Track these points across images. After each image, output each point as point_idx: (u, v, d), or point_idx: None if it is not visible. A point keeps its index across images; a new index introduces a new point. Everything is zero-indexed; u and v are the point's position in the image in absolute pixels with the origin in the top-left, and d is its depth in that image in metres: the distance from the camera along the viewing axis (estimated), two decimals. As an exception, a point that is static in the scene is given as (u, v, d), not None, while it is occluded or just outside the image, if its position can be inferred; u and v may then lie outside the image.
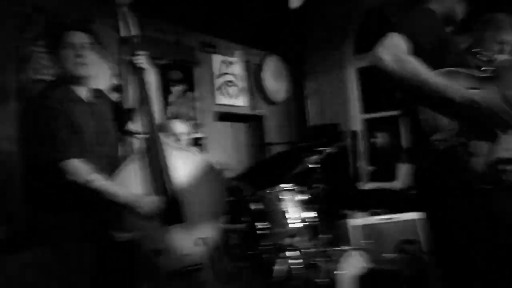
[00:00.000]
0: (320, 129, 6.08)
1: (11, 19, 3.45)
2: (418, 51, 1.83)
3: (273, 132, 6.11)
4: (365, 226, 3.97)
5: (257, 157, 5.87)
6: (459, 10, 2.14)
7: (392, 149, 5.46)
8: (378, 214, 4.11)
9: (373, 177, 5.86)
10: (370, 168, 5.97)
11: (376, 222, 3.98)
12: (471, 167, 1.75)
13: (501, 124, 1.78)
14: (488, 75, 1.92)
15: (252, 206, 3.53)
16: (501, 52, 3.09)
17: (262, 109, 5.99)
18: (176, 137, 3.66)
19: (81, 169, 2.36)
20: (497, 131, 1.79)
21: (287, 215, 3.41)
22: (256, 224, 3.44)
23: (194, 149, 3.75)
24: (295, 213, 3.44)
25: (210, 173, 2.76)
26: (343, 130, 5.94)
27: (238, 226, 3.61)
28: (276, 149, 5.62)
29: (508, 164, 1.74)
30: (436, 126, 1.78)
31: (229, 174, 4.44)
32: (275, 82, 6.14)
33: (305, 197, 3.55)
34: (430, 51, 1.87)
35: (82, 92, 2.55)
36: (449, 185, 1.82)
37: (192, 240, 2.57)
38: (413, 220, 3.93)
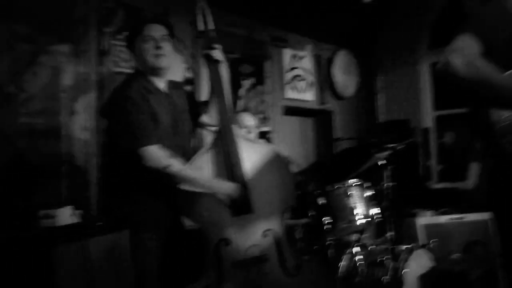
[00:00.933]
0: (389, 125, 5.99)
1: (94, 12, 3.63)
2: (490, 52, 1.77)
3: (341, 127, 6.07)
4: (433, 225, 3.89)
5: (325, 152, 5.86)
6: None
7: (463, 148, 5.29)
8: (447, 213, 4.01)
9: (443, 176, 5.70)
10: (440, 166, 5.80)
11: (444, 221, 3.89)
12: None
13: None
14: None
15: (320, 201, 3.53)
16: None
17: (331, 104, 5.97)
18: (246, 130, 3.73)
19: (160, 154, 2.42)
20: None
21: (354, 211, 3.40)
22: (322, 218, 3.44)
23: (263, 141, 3.80)
24: (362, 209, 3.42)
25: (280, 165, 2.79)
26: (413, 126, 5.81)
27: (304, 220, 3.62)
28: (344, 145, 5.59)
29: None
30: (508, 128, 1.73)
31: (295, 169, 4.47)
32: (344, 77, 6.09)
33: (372, 193, 3.51)
34: (504, 51, 1.81)
35: (160, 83, 2.64)
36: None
37: (259, 232, 2.61)
38: (482, 221, 3.81)
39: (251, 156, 2.68)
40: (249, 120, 3.80)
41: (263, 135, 4.83)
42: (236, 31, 4.82)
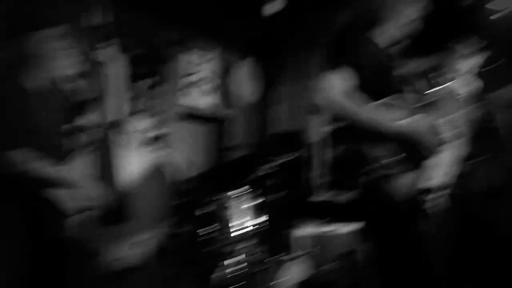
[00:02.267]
0: (283, 136, 6.09)
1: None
2: (355, 85, 1.92)
3: (239, 135, 6.10)
4: (311, 236, 4.01)
5: (220, 159, 5.86)
6: (405, 34, 2.21)
7: (351, 161, 5.50)
8: (326, 224, 4.15)
9: (329, 188, 5.87)
10: (327, 178, 5.98)
11: (323, 232, 4.03)
12: (396, 196, 1.83)
13: (425, 152, 1.87)
14: (423, 104, 2.02)
15: (198, 211, 3.52)
16: (455, 78, 3.23)
17: (230, 111, 5.99)
18: (136, 133, 3.65)
19: (26, 157, 2.30)
20: (422, 161, 1.87)
21: (233, 222, 3.42)
22: (200, 229, 3.43)
23: (148, 148, 3.72)
24: (241, 219, 3.45)
25: (161, 172, 2.76)
26: (304, 139, 5.97)
27: (182, 230, 3.59)
28: (237, 154, 5.63)
29: (429, 192, 1.84)
30: (367, 157, 1.86)
31: (188, 175, 4.43)
32: (247, 84, 6.14)
33: (254, 204, 3.56)
34: (367, 84, 1.96)
35: (33, 81, 2.50)
36: (378, 209, 1.89)
37: (131, 242, 2.55)
38: (357, 231, 3.98)
39: (129, 163, 2.63)
40: (143, 122, 3.72)
41: (157, 139, 4.75)
42: (139, 28, 4.70)
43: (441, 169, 1.94)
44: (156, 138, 4.70)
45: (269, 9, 5.34)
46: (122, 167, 2.55)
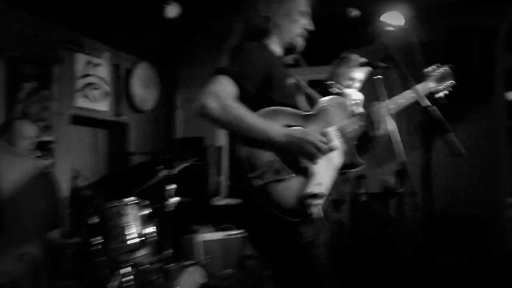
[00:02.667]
0: (186, 141, 6.02)
1: None
2: (245, 92, 1.91)
3: (138, 141, 5.93)
4: (211, 242, 3.97)
5: (118, 166, 5.65)
6: (298, 44, 2.24)
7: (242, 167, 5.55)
8: (226, 229, 4.13)
9: (232, 193, 5.89)
10: (225, 183, 5.99)
11: (223, 237, 4.00)
12: (282, 202, 1.83)
13: (310, 158, 1.90)
14: (312, 113, 2.05)
15: (90, 220, 3.34)
16: (350, 86, 3.37)
17: (127, 117, 5.80)
18: (20, 138, 3.38)
19: None
20: (309, 168, 1.90)
21: (127, 230, 3.29)
22: (92, 238, 3.25)
23: (32, 155, 3.45)
24: (137, 228, 3.33)
25: (44, 181, 2.58)
26: (208, 144, 5.93)
27: (73, 240, 3.40)
28: (138, 160, 5.46)
29: (316, 198, 1.86)
30: (253, 164, 1.85)
31: (81, 183, 4.21)
32: (144, 89, 5.98)
33: (149, 211, 3.45)
34: (258, 91, 1.96)
35: None
36: (263, 217, 1.88)
37: (12, 256, 2.35)
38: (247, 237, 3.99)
39: (9, 171, 2.43)
40: (27, 128, 3.46)
41: (44, 145, 4.46)
42: (20, 27, 4.38)
43: (326, 175, 1.98)
44: (43, 144, 4.40)
45: (167, 14, 5.24)
46: (3, 174, 2.35)
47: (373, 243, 4.48)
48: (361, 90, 3.52)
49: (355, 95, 3.38)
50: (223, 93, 1.88)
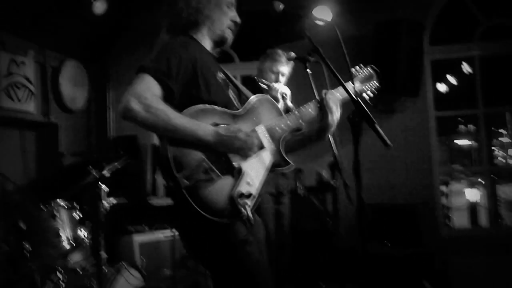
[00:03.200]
0: (119, 140, 5.87)
1: None
2: (170, 91, 1.87)
3: (69, 142, 5.71)
4: (149, 243, 3.88)
5: (48, 168, 5.42)
6: (228, 36, 2.22)
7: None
8: (163, 229, 4.06)
9: (168, 192, 5.80)
10: (162, 183, 5.90)
11: (161, 238, 3.92)
12: (211, 203, 1.81)
13: (239, 155, 1.89)
14: (241, 111, 2.04)
15: (21, 224, 3.20)
16: (276, 80, 3.43)
17: (57, 117, 5.57)
18: None
19: None
20: (239, 168, 1.88)
21: (58, 234, 3.17)
22: (23, 243, 3.11)
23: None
24: (67, 232, 3.21)
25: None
26: (142, 142, 5.81)
27: (1, 247, 3.24)
28: (69, 161, 5.27)
29: (246, 198, 1.86)
30: (181, 164, 1.81)
31: (9, 187, 4.03)
32: (73, 88, 5.76)
33: (80, 214, 3.34)
34: (185, 90, 1.92)
35: None
36: (193, 218, 1.86)
37: None
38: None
39: None
40: None
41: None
42: None
43: (256, 175, 1.97)
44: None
45: (94, 10, 5.08)
46: None
47: (311, 235, 4.55)
48: (289, 84, 3.58)
49: (282, 89, 3.44)
50: (146, 93, 1.82)
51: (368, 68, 2.49)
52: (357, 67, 2.50)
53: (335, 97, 2.26)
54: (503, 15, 5.63)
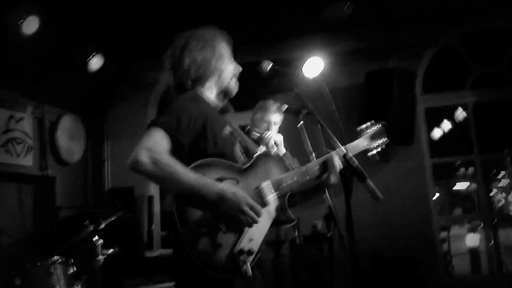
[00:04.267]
0: (115, 192, 5.86)
1: None
2: (179, 145, 1.90)
3: (66, 195, 5.70)
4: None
5: (44, 222, 5.39)
6: (234, 86, 2.28)
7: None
8: (158, 282, 4.00)
9: (166, 243, 5.73)
10: (163, 233, 5.85)
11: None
12: (213, 258, 1.81)
13: (243, 216, 1.88)
14: (245, 166, 2.06)
15: (17, 280, 3.16)
16: (268, 129, 3.49)
17: (53, 170, 5.58)
18: None
19: None
20: (242, 224, 1.89)
21: (58, 288, 3.13)
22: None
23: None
24: (65, 286, 3.17)
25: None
26: (137, 194, 5.80)
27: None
28: (66, 214, 5.24)
29: (247, 255, 1.85)
30: (184, 218, 1.82)
31: (5, 241, 3.99)
32: (70, 142, 5.80)
33: (75, 269, 3.30)
34: (193, 144, 1.95)
35: None
36: (194, 271, 1.85)
37: None
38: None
39: None
40: None
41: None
42: None
43: (258, 231, 1.97)
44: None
45: (91, 66, 5.19)
46: None
47: (309, 285, 4.48)
48: (283, 134, 3.65)
49: (274, 137, 3.49)
50: (156, 147, 1.85)
51: (379, 125, 2.49)
52: (368, 124, 2.49)
53: (339, 157, 2.25)
54: (493, 62, 5.76)
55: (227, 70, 2.27)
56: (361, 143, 2.37)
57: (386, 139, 2.47)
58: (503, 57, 5.73)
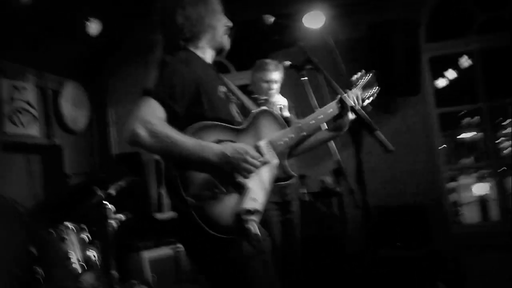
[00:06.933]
0: (123, 158, 5.88)
1: None
2: (175, 113, 1.87)
3: (74, 162, 5.73)
4: (158, 259, 3.88)
5: (54, 190, 5.44)
6: (226, 43, 2.23)
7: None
8: (171, 244, 4.05)
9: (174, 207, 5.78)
10: (166, 198, 5.90)
11: (170, 253, 3.91)
12: (218, 220, 1.82)
13: (244, 174, 1.89)
14: (243, 127, 2.05)
15: (32, 249, 3.21)
16: (269, 89, 3.46)
17: (60, 139, 5.60)
18: None
19: None
20: (243, 185, 1.89)
21: (70, 255, 3.19)
22: (35, 268, 3.13)
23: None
24: (77, 253, 3.23)
25: None
26: (145, 158, 5.82)
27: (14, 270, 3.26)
28: (75, 181, 5.28)
29: (251, 214, 1.86)
30: (187, 183, 1.82)
31: (19, 211, 4.04)
32: (74, 109, 5.79)
33: (91, 233, 3.36)
34: (188, 109, 1.92)
35: None
36: (200, 235, 1.86)
37: None
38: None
39: None
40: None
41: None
42: None
43: (260, 190, 1.98)
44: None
45: (89, 31, 5.12)
46: None
47: (320, 242, 4.54)
48: (286, 92, 3.61)
49: (279, 100, 3.47)
50: (151, 118, 1.82)
51: (370, 74, 2.48)
52: (359, 74, 2.47)
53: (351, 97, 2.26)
54: (498, 7, 5.64)
55: (220, 26, 2.19)
56: (355, 93, 2.34)
57: (377, 87, 2.46)
58: (508, 1, 5.59)
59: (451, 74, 8.15)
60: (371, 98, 2.44)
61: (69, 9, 4.93)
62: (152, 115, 1.83)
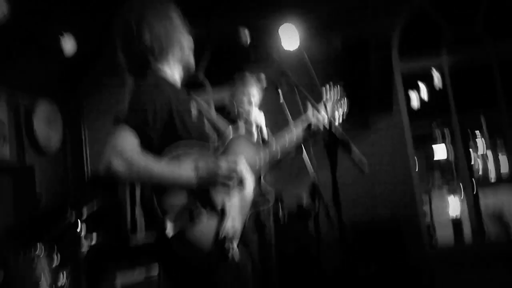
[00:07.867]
0: (97, 178, 5.76)
1: None
2: (149, 139, 1.84)
3: (47, 184, 5.59)
4: (130, 283, 3.79)
5: (25, 213, 5.29)
6: (192, 60, 2.19)
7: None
8: (146, 268, 3.97)
9: (149, 227, 5.68)
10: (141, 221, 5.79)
11: (142, 278, 3.83)
12: (197, 246, 1.79)
13: (225, 190, 1.87)
14: (220, 149, 2.03)
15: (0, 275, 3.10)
16: (249, 101, 3.49)
17: (32, 159, 5.46)
18: None
19: None
20: (222, 209, 1.87)
21: (39, 279, 3.09)
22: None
23: None
24: (49, 275, 3.14)
25: None
26: (114, 182, 5.72)
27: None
28: (47, 204, 5.16)
29: (231, 240, 1.84)
30: (166, 209, 1.79)
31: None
32: (47, 128, 5.67)
33: (58, 260, 3.27)
34: (163, 133, 1.89)
35: None
36: (179, 260, 1.85)
37: None
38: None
39: None
40: None
41: None
42: None
43: (238, 215, 1.96)
44: None
45: (63, 49, 5.06)
46: None
47: (296, 262, 4.50)
48: (264, 108, 3.64)
49: (257, 118, 3.49)
50: (126, 147, 1.77)
51: (338, 87, 2.53)
52: (327, 86, 2.53)
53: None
54: (467, 22, 5.76)
55: (185, 42, 2.14)
56: (326, 107, 2.39)
57: (346, 101, 2.53)
58: (476, 16, 5.74)
59: (423, 90, 8.28)
60: (340, 110, 2.50)
61: (43, 26, 4.87)
62: (127, 144, 1.78)
